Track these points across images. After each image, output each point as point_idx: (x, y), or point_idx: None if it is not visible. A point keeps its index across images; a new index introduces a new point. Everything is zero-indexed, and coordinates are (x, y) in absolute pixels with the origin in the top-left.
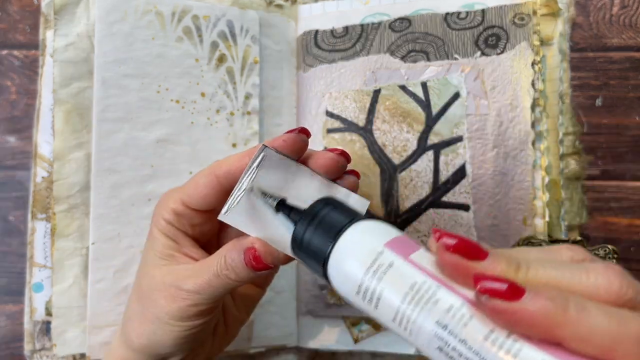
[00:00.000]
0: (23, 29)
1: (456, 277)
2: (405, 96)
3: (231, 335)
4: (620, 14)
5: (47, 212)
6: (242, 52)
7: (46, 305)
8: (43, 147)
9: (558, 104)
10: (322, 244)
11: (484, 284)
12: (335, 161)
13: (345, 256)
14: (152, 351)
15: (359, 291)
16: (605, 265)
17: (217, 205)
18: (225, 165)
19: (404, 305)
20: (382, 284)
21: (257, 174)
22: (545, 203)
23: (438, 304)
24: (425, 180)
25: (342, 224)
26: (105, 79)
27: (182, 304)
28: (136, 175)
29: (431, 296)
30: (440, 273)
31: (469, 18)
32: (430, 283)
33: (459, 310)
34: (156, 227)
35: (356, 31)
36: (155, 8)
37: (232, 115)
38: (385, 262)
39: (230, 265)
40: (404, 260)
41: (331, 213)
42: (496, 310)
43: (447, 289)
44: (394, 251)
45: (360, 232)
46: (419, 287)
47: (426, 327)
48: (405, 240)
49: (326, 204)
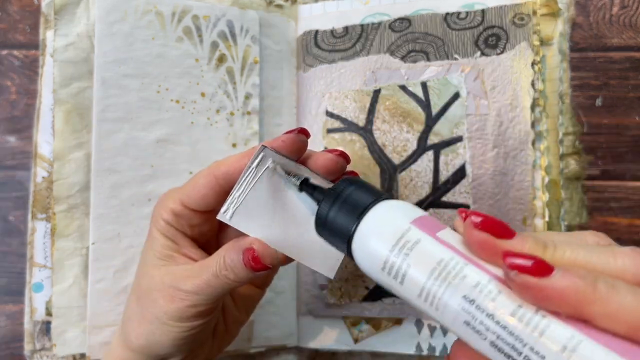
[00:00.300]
0: (23, 29)
1: (484, 254)
2: (405, 96)
3: (231, 336)
4: (620, 14)
5: (47, 212)
6: (242, 52)
7: (46, 305)
8: (43, 147)
9: (558, 104)
10: (346, 222)
11: (514, 260)
12: (334, 162)
13: (371, 233)
14: (151, 352)
15: (384, 267)
16: (633, 248)
17: (216, 206)
18: (224, 166)
19: (430, 281)
20: (408, 260)
21: (256, 176)
22: (545, 203)
23: (465, 279)
24: (425, 180)
25: (367, 202)
26: (105, 79)
27: (180, 305)
28: (136, 175)
29: (458, 272)
30: (467, 250)
31: (469, 18)
32: (458, 259)
33: (487, 286)
34: (155, 228)
35: (356, 31)
36: (155, 8)
37: (232, 115)
38: (412, 239)
39: (229, 266)
40: (431, 237)
41: (356, 192)
42: (526, 286)
43: (475, 266)
44: (421, 229)
45: (386, 210)
46: (446, 264)
47: (453, 302)
48: (431, 219)
49: (350, 183)
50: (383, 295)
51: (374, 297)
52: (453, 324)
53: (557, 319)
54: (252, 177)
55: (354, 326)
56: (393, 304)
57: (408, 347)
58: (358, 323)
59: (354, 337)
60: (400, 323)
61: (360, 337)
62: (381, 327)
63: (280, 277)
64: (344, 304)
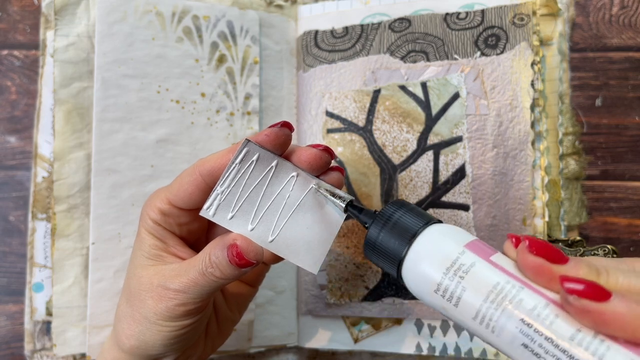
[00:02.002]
0: (23, 29)
1: (539, 278)
2: (405, 96)
3: (224, 335)
4: (620, 14)
5: (47, 212)
6: (242, 52)
7: (46, 305)
8: (43, 147)
9: (558, 104)
10: (397, 246)
11: (572, 285)
12: (318, 157)
13: (423, 257)
14: (143, 352)
15: (437, 289)
16: None
17: (203, 204)
18: (209, 163)
19: (486, 304)
20: (463, 283)
21: (240, 171)
22: (545, 203)
23: (522, 303)
24: (425, 180)
25: (418, 225)
26: (105, 79)
27: (169, 304)
28: (136, 175)
29: (514, 296)
30: (522, 274)
31: (469, 18)
32: (514, 283)
33: (544, 309)
34: (143, 227)
35: (356, 31)
36: (155, 8)
37: (232, 116)
38: (467, 262)
39: (214, 263)
40: (486, 261)
41: (405, 215)
42: (585, 311)
43: (530, 290)
44: (475, 252)
45: (438, 234)
46: (502, 287)
47: (510, 326)
48: (482, 243)
49: (399, 207)
50: (383, 295)
51: (374, 297)
52: (510, 347)
53: (615, 343)
54: (236, 172)
55: (354, 326)
56: (393, 304)
57: (408, 347)
58: (358, 323)
59: (354, 337)
60: (400, 323)
61: (360, 337)
62: (381, 327)
63: (280, 277)
64: (344, 304)
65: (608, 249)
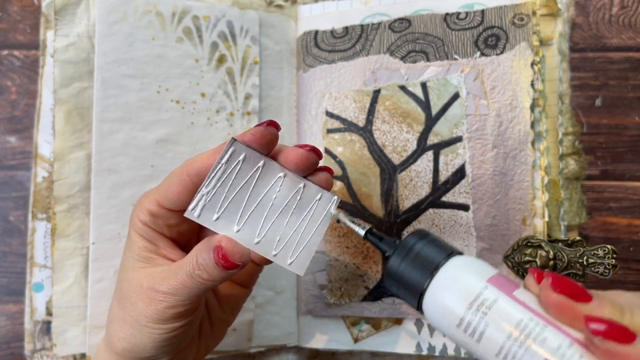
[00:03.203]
0: (23, 29)
1: (562, 316)
2: (405, 96)
3: (218, 336)
4: (619, 14)
5: (47, 212)
6: (242, 52)
7: (46, 305)
8: (43, 147)
9: (557, 104)
10: (419, 278)
11: (597, 326)
12: (305, 157)
13: (445, 290)
14: (135, 355)
15: (460, 324)
16: None
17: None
18: (196, 163)
19: (509, 341)
20: (486, 319)
21: (226, 171)
22: (545, 203)
23: (546, 342)
24: (424, 181)
25: (440, 258)
26: (105, 79)
27: (159, 306)
28: (136, 175)
29: (538, 334)
30: (544, 311)
31: (469, 18)
32: (537, 321)
33: (568, 349)
34: (133, 230)
35: (356, 31)
36: (155, 8)
37: (232, 116)
38: (490, 298)
39: (201, 265)
40: (508, 297)
41: (427, 247)
42: (611, 353)
43: (554, 328)
44: (498, 287)
45: (460, 267)
46: (526, 325)
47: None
48: (505, 277)
49: (420, 238)
50: (383, 295)
51: (374, 297)
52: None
53: None
54: (222, 173)
55: (354, 326)
56: (393, 304)
57: (408, 347)
58: (358, 323)
59: (354, 337)
60: (400, 323)
61: (360, 337)
62: (381, 327)
63: (280, 277)
64: (344, 304)
65: (608, 249)
